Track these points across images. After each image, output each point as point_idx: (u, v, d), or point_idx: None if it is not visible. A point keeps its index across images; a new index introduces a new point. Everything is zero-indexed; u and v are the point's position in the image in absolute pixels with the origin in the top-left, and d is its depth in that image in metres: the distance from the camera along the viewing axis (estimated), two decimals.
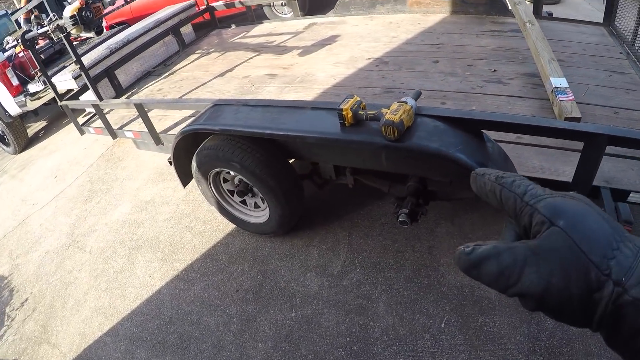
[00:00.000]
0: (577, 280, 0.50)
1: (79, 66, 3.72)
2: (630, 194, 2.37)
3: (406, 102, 2.16)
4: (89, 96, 4.21)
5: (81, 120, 4.48)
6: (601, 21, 4.32)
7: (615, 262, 0.49)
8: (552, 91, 2.92)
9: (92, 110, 3.96)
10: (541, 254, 0.53)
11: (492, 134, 2.33)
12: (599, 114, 2.94)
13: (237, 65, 4.40)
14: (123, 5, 7.96)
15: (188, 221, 3.87)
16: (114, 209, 4.30)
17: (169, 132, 3.50)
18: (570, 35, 4.06)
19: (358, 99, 2.24)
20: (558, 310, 0.52)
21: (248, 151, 2.77)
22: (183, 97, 3.99)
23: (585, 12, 7.70)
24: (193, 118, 3.17)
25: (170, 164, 3.25)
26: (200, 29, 5.84)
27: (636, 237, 0.51)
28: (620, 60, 3.62)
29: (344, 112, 2.18)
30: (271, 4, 7.29)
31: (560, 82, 2.95)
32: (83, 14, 3.41)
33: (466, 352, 2.54)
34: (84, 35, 3.70)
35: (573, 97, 2.85)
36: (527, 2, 4.09)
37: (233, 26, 5.73)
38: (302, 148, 2.79)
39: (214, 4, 5.69)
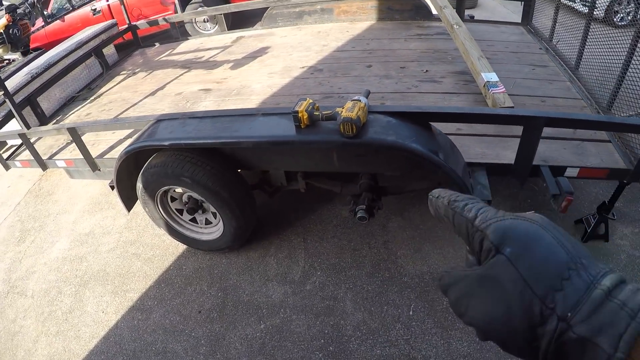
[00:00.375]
0: (519, 314, 0.47)
1: (2, 92, 3.51)
2: (567, 169, 2.59)
3: (360, 100, 2.24)
4: (12, 127, 3.96)
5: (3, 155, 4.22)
6: (519, 21, 4.68)
7: (562, 296, 0.46)
8: (484, 85, 3.13)
9: (16, 142, 3.75)
10: (485, 285, 0.51)
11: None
12: (528, 103, 3.19)
13: (167, 83, 4.33)
14: (43, 27, 7.55)
15: (134, 248, 3.73)
16: (51, 247, 4.06)
17: (106, 156, 3.37)
18: (492, 35, 4.38)
19: (311, 101, 2.30)
20: (502, 343, 0.50)
21: (198, 165, 2.73)
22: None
23: (501, 14, 8.25)
24: (131, 139, 3.07)
25: (112, 189, 3.10)
26: (122, 50, 5.68)
27: (597, 264, 0.48)
28: (540, 55, 3.95)
29: (300, 114, 2.22)
30: (193, 20, 7.25)
31: (491, 76, 3.16)
32: (10, 31, 3.19)
33: (438, 334, 2.65)
34: (9, 56, 3.48)
35: (504, 89, 3.06)
36: (452, 7, 4.34)
37: (157, 44, 5.64)
38: (253, 156, 2.80)
39: (136, 23, 5.57)
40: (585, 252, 0.49)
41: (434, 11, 4.58)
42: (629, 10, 6.21)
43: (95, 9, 7.21)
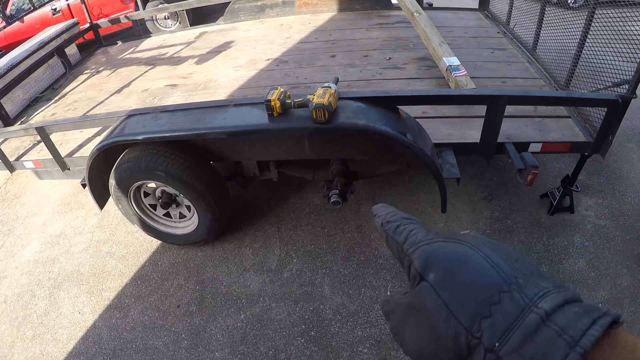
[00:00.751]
0: (446, 346, 0.44)
1: None
2: (530, 145, 2.70)
3: (330, 87, 2.30)
4: None
5: None
6: (477, 7, 4.81)
7: (489, 323, 0.42)
8: (446, 69, 3.22)
9: None
10: (413, 314, 0.49)
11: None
12: (490, 85, 3.30)
13: (133, 80, 4.30)
14: (2, 28, 7.39)
15: (108, 247, 3.70)
16: (21, 250, 3.99)
17: (75, 155, 3.34)
18: (452, 22, 4.50)
19: (282, 89, 2.34)
20: None
21: (172, 158, 2.74)
22: None
23: (460, 1, 8.37)
24: (101, 136, 3.06)
25: (84, 187, 3.08)
26: (84, 49, 5.60)
27: (539, 282, 0.44)
28: (498, 38, 4.09)
29: (272, 103, 2.26)
30: (154, 17, 7.18)
31: (452, 60, 3.26)
32: None
33: None
34: None
35: (466, 72, 3.16)
36: None
37: (119, 43, 5.57)
38: (226, 147, 2.82)
39: (98, 22, 5.50)
40: (526, 269, 0.45)
41: (394, 0, 4.67)
42: None
43: (55, 9, 7.08)
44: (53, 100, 4.42)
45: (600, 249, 3.24)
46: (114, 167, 2.91)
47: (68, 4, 6.99)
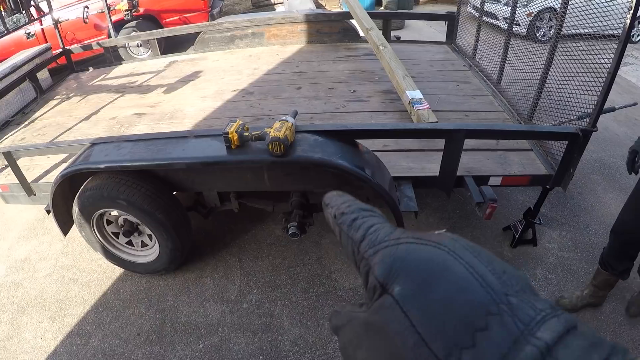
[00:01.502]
0: None
1: None
2: (490, 178, 2.75)
3: (287, 120, 2.33)
4: None
5: None
6: (444, 40, 4.90)
7: (471, 357, 0.31)
8: (409, 103, 3.27)
9: None
10: (371, 335, 0.38)
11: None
12: (453, 118, 3.34)
13: (102, 108, 4.30)
14: None
15: (71, 273, 3.67)
16: None
17: (42, 181, 3.33)
18: (418, 55, 4.59)
19: (241, 122, 2.37)
20: None
21: (134, 187, 2.74)
22: None
23: (428, 34, 8.53)
24: (67, 162, 3.06)
25: (49, 213, 3.08)
26: (56, 74, 5.57)
27: (534, 302, 0.33)
28: (464, 71, 4.17)
29: (230, 135, 2.29)
30: (127, 45, 7.20)
31: (415, 94, 3.30)
32: None
33: None
34: None
35: (428, 105, 3.21)
36: (378, 29, 4.51)
37: (91, 69, 5.57)
38: (186, 178, 2.83)
39: (70, 47, 5.50)
40: (516, 282, 0.35)
41: (361, 33, 4.76)
42: (550, 25, 6.59)
43: (29, 33, 7.06)
44: (23, 125, 4.39)
45: (563, 282, 3.27)
46: (77, 195, 2.90)
47: (42, 29, 6.99)
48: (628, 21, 2.34)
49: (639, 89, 7.10)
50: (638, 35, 9.48)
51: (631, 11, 2.32)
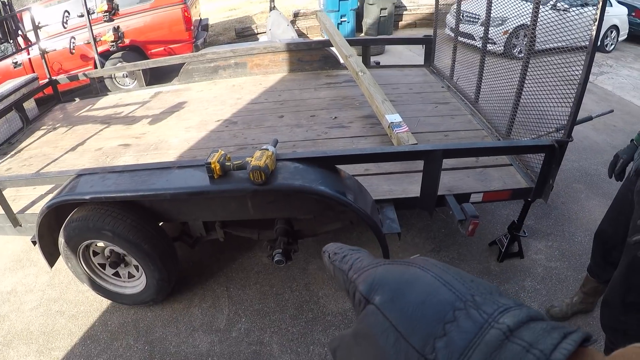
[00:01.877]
0: None
1: None
2: (471, 195, 2.79)
3: (267, 149, 2.37)
4: None
5: None
6: (422, 63, 4.99)
7: (444, 343, 0.37)
8: (388, 126, 3.32)
9: None
10: (360, 342, 0.44)
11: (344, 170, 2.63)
12: (432, 139, 3.40)
13: (87, 139, 4.32)
14: None
15: (58, 306, 3.65)
16: None
17: (28, 212, 3.33)
18: (398, 79, 4.67)
19: (223, 152, 2.41)
20: None
21: (119, 218, 2.75)
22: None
23: (408, 58, 8.65)
24: (52, 193, 3.07)
25: (35, 244, 3.07)
26: (42, 104, 5.58)
27: (498, 299, 0.39)
28: (442, 93, 4.25)
29: (212, 165, 2.33)
30: (113, 75, 7.24)
31: (394, 117, 3.36)
32: None
33: None
34: None
35: (407, 128, 3.26)
36: (357, 55, 4.59)
37: (77, 99, 5.58)
38: (171, 208, 2.84)
39: (57, 77, 5.53)
40: (483, 288, 0.41)
41: (342, 60, 4.83)
42: (526, 41, 6.73)
43: (16, 62, 7.10)
44: (9, 155, 4.39)
45: (553, 291, 3.31)
46: (63, 226, 2.90)
47: (29, 58, 7.03)
48: (594, 32, 2.40)
49: (615, 97, 7.23)
50: (612, 44, 9.69)
51: (596, 23, 2.38)
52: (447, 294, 0.40)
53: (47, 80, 5.44)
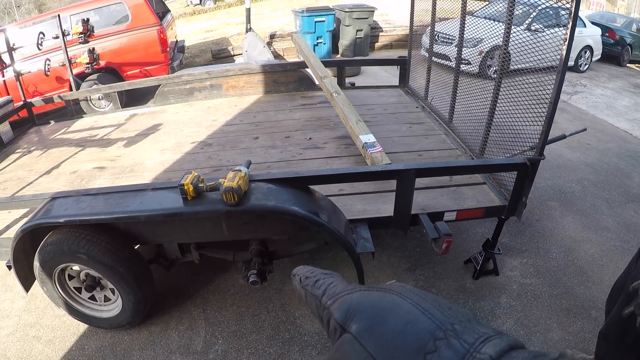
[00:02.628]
0: None
1: None
2: (445, 213, 2.84)
3: (240, 170, 2.40)
4: None
5: None
6: (397, 84, 5.08)
7: None
8: (362, 146, 3.37)
9: None
10: None
11: (318, 190, 2.66)
12: (407, 158, 3.46)
13: (63, 162, 4.29)
14: None
15: (35, 331, 3.59)
16: None
17: (2, 236, 3.29)
18: (372, 100, 4.76)
19: (196, 173, 2.43)
20: None
21: (94, 241, 2.74)
22: None
23: (384, 79, 8.77)
24: (27, 218, 3.06)
25: (10, 269, 3.04)
26: (17, 127, 5.53)
27: (478, 328, 0.39)
28: (417, 113, 4.34)
29: (185, 187, 2.35)
30: (88, 98, 7.22)
31: (368, 138, 3.41)
32: None
33: None
34: None
35: (381, 148, 3.31)
36: (332, 76, 4.66)
37: (52, 122, 5.54)
38: (146, 230, 2.84)
39: (31, 100, 5.49)
40: (461, 316, 0.40)
41: (317, 81, 4.90)
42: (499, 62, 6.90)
43: None
44: None
45: (528, 307, 3.35)
46: (38, 250, 2.88)
47: (4, 81, 6.97)
48: (564, 52, 2.47)
49: (589, 115, 7.42)
50: (586, 65, 9.94)
51: (566, 42, 2.45)
52: (426, 323, 0.39)
53: (22, 102, 5.40)
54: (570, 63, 9.65)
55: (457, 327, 0.39)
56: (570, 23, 2.40)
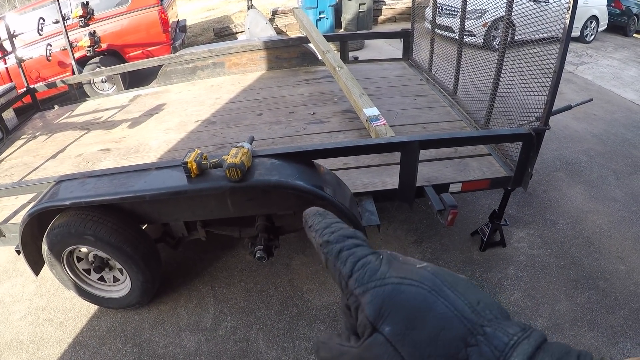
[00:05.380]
0: None
1: None
2: (450, 185, 2.82)
3: (243, 146, 2.39)
4: None
5: None
6: (401, 57, 5.02)
7: None
8: (366, 120, 3.34)
9: None
10: None
11: (323, 164, 2.65)
12: (411, 131, 3.43)
13: (68, 145, 4.30)
14: None
15: (46, 314, 3.64)
16: None
17: (11, 222, 3.31)
18: (376, 73, 4.70)
19: (199, 151, 2.43)
20: None
21: (100, 222, 2.75)
22: None
23: (388, 52, 8.69)
24: (34, 202, 3.07)
25: (19, 253, 3.06)
26: (21, 113, 5.54)
27: (507, 327, 0.40)
28: (421, 85, 4.29)
29: (189, 165, 2.35)
30: (91, 81, 7.20)
31: (372, 111, 3.38)
32: None
33: None
34: None
35: (385, 121, 3.29)
36: (335, 50, 4.61)
37: (56, 107, 5.54)
38: (151, 210, 2.85)
39: (35, 85, 5.49)
40: (490, 313, 0.41)
41: (319, 56, 4.85)
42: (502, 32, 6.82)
43: None
44: None
45: (535, 278, 3.35)
46: (46, 233, 2.90)
47: (6, 68, 6.97)
48: (567, 21, 2.43)
49: (595, 86, 7.32)
50: (591, 35, 9.80)
51: (569, 11, 2.41)
52: (459, 328, 0.40)
53: (25, 89, 5.40)
54: (576, 34, 9.51)
55: (488, 329, 0.39)
56: None
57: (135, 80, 7.33)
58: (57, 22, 5.42)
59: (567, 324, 3.02)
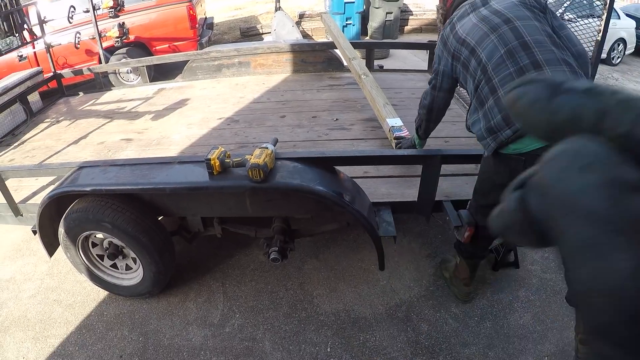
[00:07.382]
0: None
1: None
2: (469, 202, 2.80)
3: (267, 147, 2.40)
4: None
5: None
6: (426, 68, 5.02)
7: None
8: (389, 130, 3.34)
9: None
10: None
11: (343, 171, 2.66)
12: (433, 144, 3.41)
13: (90, 132, 4.36)
14: None
15: (56, 295, 3.68)
16: None
17: (29, 202, 3.37)
18: (400, 83, 4.69)
19: (223, 149, 2.44)
20: None
21: (119, 210, 2.78)
22: None
23: (413, 63, 8.65)
24: (54, 185, 3.10)
25: (35, 234, 3.10)
26: (46, 97, 5.63)
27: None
28: None
29: (212, 162, 2.36)
30: (117, 71, 7.28)
31: (395, 121, 3.38)
32: None
33: None
34: None
35: (408, 132, 3.28)
36: (360, 58, 4.63)
37: (81, 94, 5.62)
38: (170, 203, 2.87)
39: (61, 71, 5.56)
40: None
41: (345, 62, 4.87)
42: None
43: (21, 56, 7.14)
44: (12, 146, 4.44)
45: (547, 302, 3.31)
46: (64, 216, 2.93)
47: (35, 52, 7.07)
48: (598, 42, 2.42)
49: None
50: (618, 58, 9.71)
51: (600, 33, 2.40)
52: None
53: (51, 74, 5.49)
54: (603, 55, 9.44)
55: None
56: (605, 13, 2.35)
57: (160, 73, 7.40)
58: (87, 11, 5.50)
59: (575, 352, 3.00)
